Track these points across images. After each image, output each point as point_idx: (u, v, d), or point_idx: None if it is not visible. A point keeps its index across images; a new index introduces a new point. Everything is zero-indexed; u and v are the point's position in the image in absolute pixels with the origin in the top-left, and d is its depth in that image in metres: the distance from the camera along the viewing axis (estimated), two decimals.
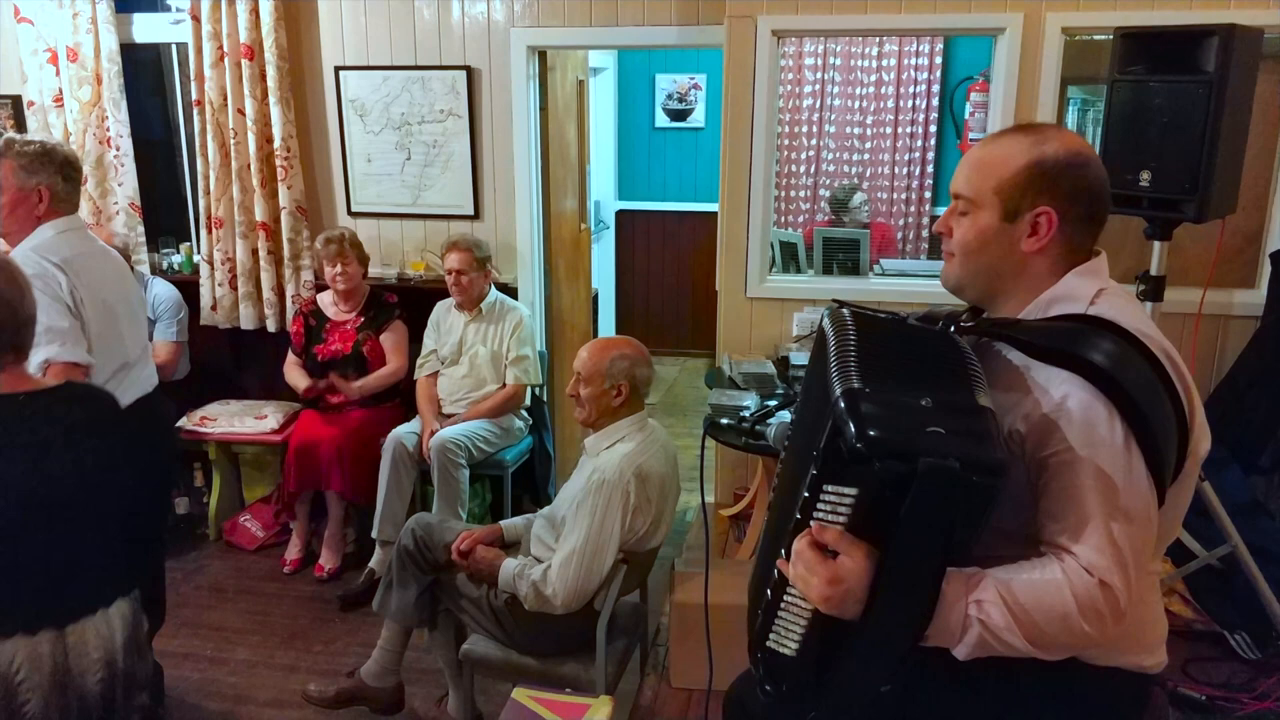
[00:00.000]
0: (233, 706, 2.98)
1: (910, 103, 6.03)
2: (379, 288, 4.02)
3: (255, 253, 4.18)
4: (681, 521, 3.98)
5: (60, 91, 4.15)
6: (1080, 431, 1.25)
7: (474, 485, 3.70)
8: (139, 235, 4.28)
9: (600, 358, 2.52)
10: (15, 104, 4.31)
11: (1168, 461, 1.28)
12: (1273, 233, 3.42)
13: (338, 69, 4.09)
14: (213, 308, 4.27)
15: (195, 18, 3.96)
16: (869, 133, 6.16)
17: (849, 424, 1.14)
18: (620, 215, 6.72)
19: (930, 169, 6.10)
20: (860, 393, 1.17)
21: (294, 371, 3.94)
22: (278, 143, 4.03)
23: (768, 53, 3.55)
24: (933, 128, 6.06)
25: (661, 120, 6.56)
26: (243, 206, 4.12)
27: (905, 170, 6.13)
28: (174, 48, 4.45)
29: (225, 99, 4.02)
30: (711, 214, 4.13)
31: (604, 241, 6.56)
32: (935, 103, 6.01)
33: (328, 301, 3.98)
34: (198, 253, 4.32)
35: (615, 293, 6.79)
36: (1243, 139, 2.72)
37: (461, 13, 3.95)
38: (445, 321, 3.88)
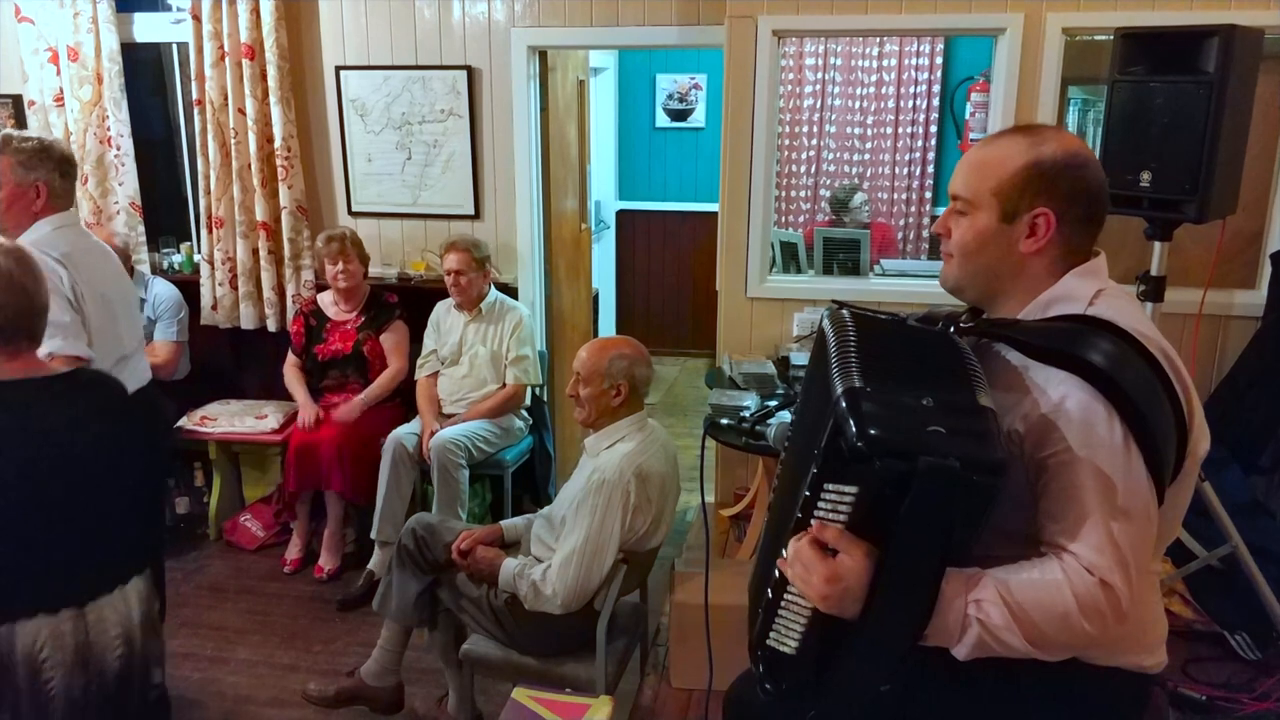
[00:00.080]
0: (233, 706, 2.98)
1: (911, 103, 6.02)
2: (379, 287, 4.02)
3: (256, 252, 4.18)
4: (681, 521, 3.98)
5: (61, 91, 4.15)
6: (1079, 432, 1.25)
7: (474, 485, 3.70)
8: (139, 235, 4.28)
9: (599, 358, 2.52)
10: (16, 103, 4.31)
11: (1167, 461, 1.28)
12: (1273, 233, 3.42)
13: (338, 69, 4.09)
14: (213, 307, 4.27)
15: (196, 17, 3.96)
16: (869, 133, 6.16)
17: (850, 422, 1.14)
18: (621, 215, 6.72)
19: (931, 169, 6.10)
20: (862, 391, 1.17)
21: (293, 377, 3.93)
22: (278, 142, 4.03)
23: (768, 53, 3.55)
24: (933, 128, 6.05)
25: (662, 120, 6.56)
26: (243, 206, 4.12)
27: (906, 170, 6.13)
28: (175, 47, 4.46)
29: (226, 98, 4.02)
30: (712, 214, 4.12)
31: (604, 241, 6.56)
32: (936, 103, 6.00)
33: (328, 301, 3.98)
34: (198, 252, 4.32)
35: (615, 293, 6.79)
36: (1243, 139, 2.72)
37: (462, 12, 3.95)
38: (445, 322, 3.88)
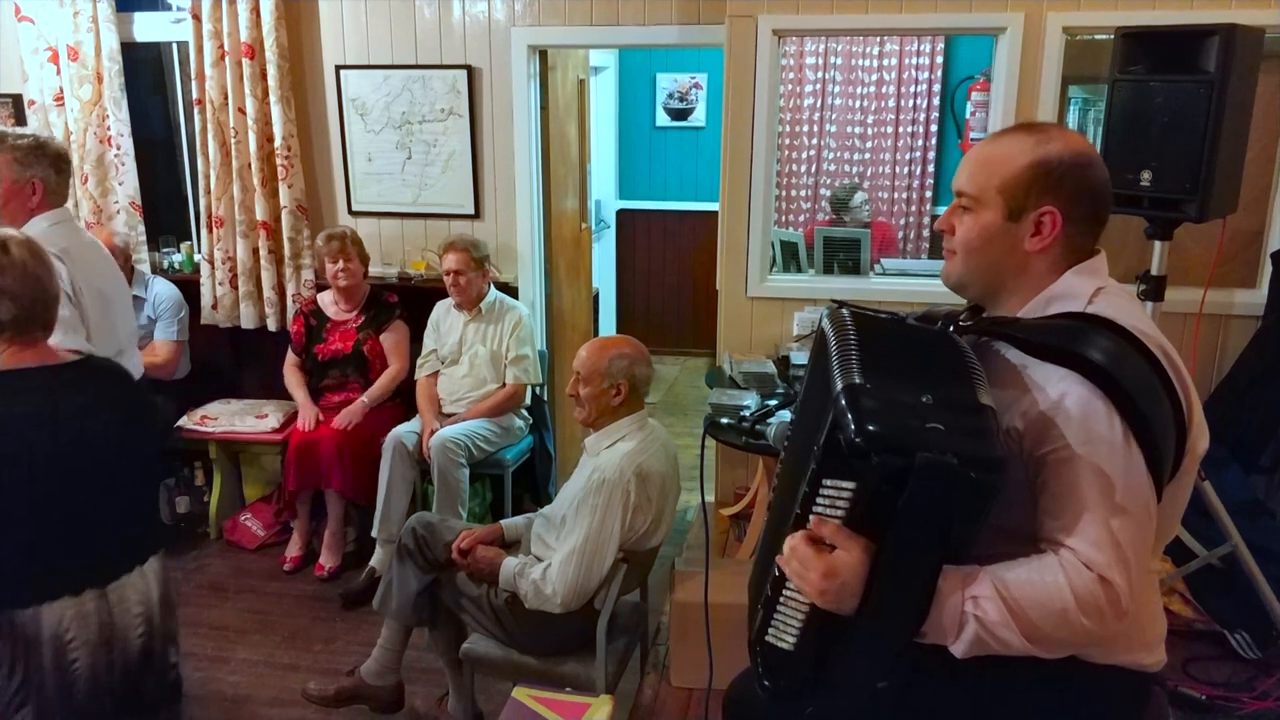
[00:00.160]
0: (233, 705, 2.98)
1: (911, 102, 6.02)
2: (379, 287, 4.02)
3: (256, 252, 4.18)
4: (682, 521, 3.98)
5: (61, 90, 4.15)
6: (1079, 429, 1.25)
7: (474, 484, 3.70)
8: (139, 234, 4.28)
9: (599, 357, 2.52)
10: (16, 102, 4.31)
11: (1166, 458, 1.28)
12: (1273, 232, 3.42)
13: (338, 68, 4.09)
14: (213, 307, 4.27)
15: (196, 16, 3.96)
16: (870, 132, 6.15)
17: (849, 418, 1.14)
18: (621, 214, 6.72)
19: (931, 168, 6.09)
20: (861, 388, 1.17)
21: (293, 378, 3.93)
22: (278, 142, 4.03)
23: (768, 52, 3.55)
24: (934, 127, 6.05)
25: (662, 119, 6.55)
26: (243, 205, 4.12)
27: (906, 170, 6.12)
28: (175, 46, 4.46)
29: (226, 98, 4.02)
30: (712, 213, 4.12)
31: (604, 241, 6.56)
32: (936, 102, 6.00)
33: (328, 301, 3.98)
34: (198, 252, 4.32)
35: (616, 292, 6.79)
36: (1244, 139, 2.71)
37: (462, 12, 3.95)
38: (445, 321, 3.88)
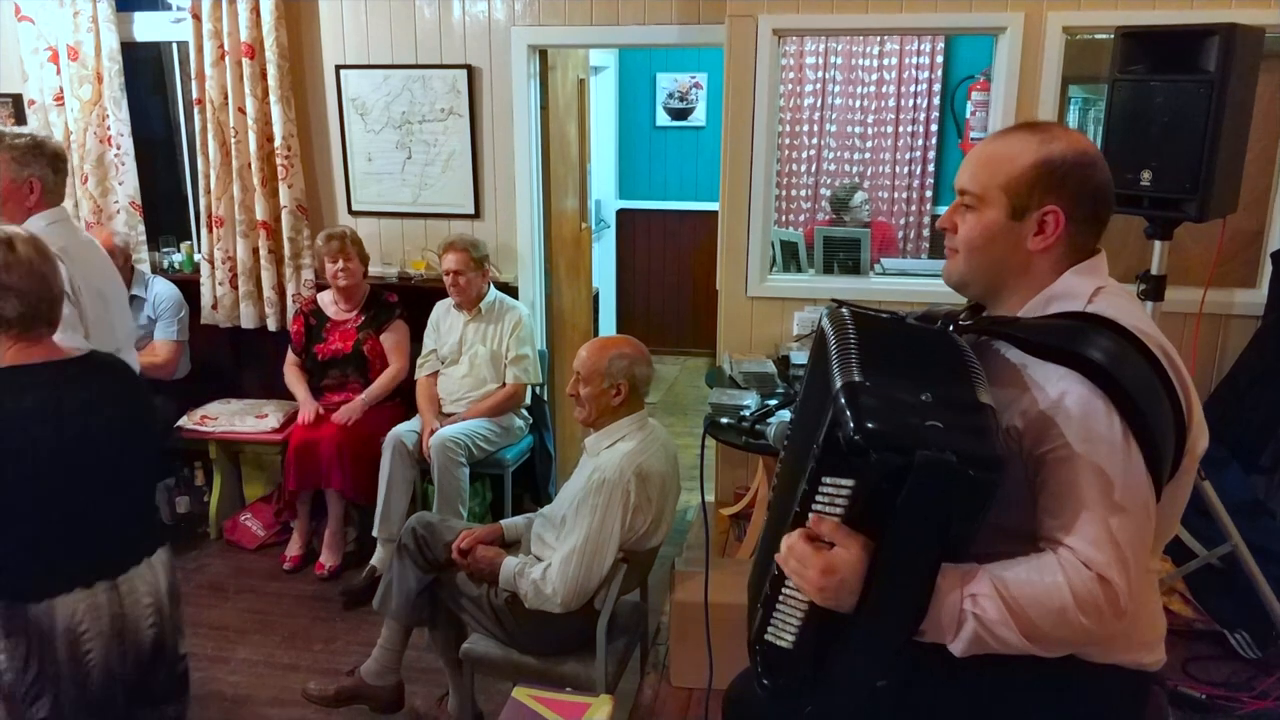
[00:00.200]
0: (233, 705, 2.98)
1: (911, 102, 6.02)
2: (379, 287, 4.02)
3: (256, 251, 4.18)
4: (682, 520, 3.98)
5: (61, 90, 4.15)
6: (1078, 427, 1.25)
7: (474, 484, 3.70)
8: (139, 234, 4.28)
9: (599, 357, 2.52)
10: (16, 102, 4.31)
11: (1165, 458, 1.28)
12: (1273, 232, 3.42)
13: (338, 68, 4.09)
14: (213, 306, 4.27)
15: (196, 16, 3.96)
16: (870, 132, 6.15)
17: (848, 415, 1.14)
18: (621, 214, 6.72)
19: (931, 168, 6.09)
20: (861, 386, 1.17)
21: (293, 376, 3.94)
22: (278, 141, 4.03)
23: (769, 52, 3.55)
24: (934, 127, 6.04)
25: (662, 119, 6.55)
26: (243, 205, 4.12)
27: (906, 169, 6.12)
28: (175, 46, 4.46)
29: (226, 97, 4.02)
30: (712, 213, 4.12)
31: (604, 240, 6.56)
32: (936, 102, 5.99)
33: (328, 301, 3.98)
34: (198, 251, 4.32)
35: (616, 292, 6.79)
36: (1244, 138, 2.71)
37: (462, 11, 3.95)
38: (445, 321, 3.88)
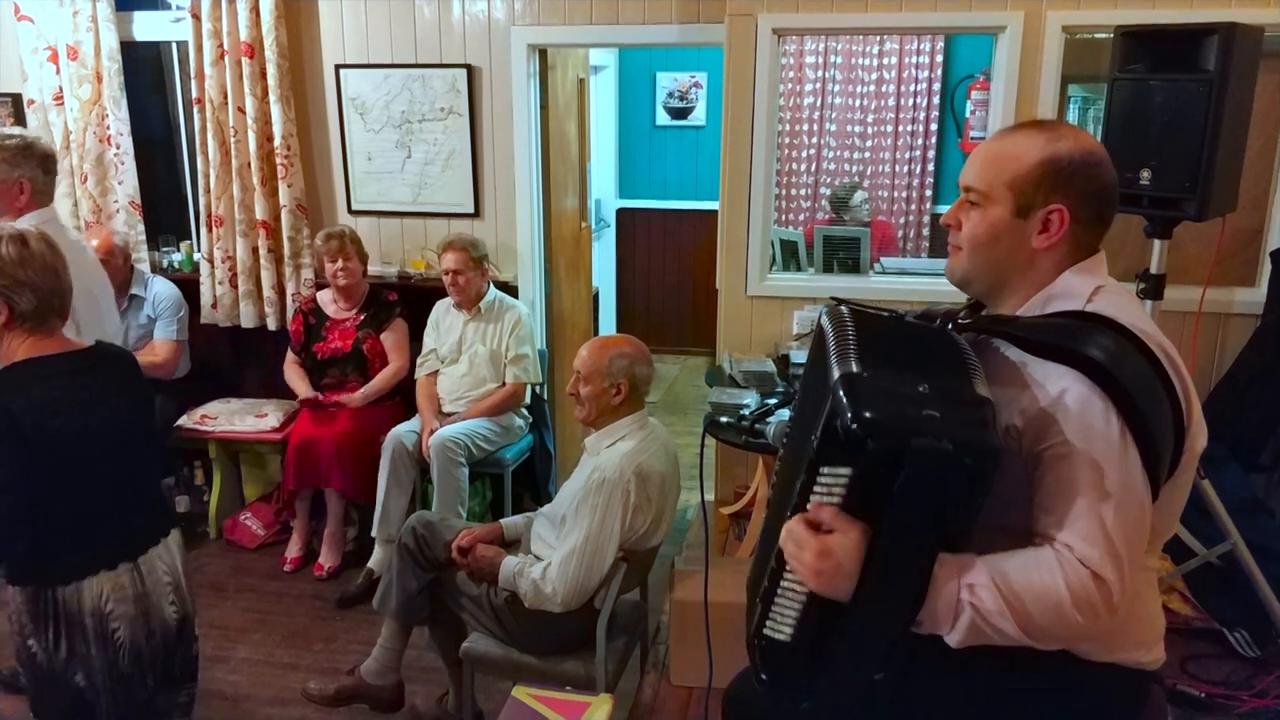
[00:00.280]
0: (233, 705, 2.98)
1: (911, 101, 6.02)
2: (379, 286, 4.02)
3: (255, 251, 4.18)
4: (682, 520, 3.98)
5: (60, 89, 4.15)
6: (1077, 425, 1.25)
7: (474, 483, 3.70)
8: (139, 233, 4.28)
9: (600, 356, 2.52)
10: (15, 102, 4.31)
11: (1163, 457, 1.28)
12: (1273, 231, 3.42)
13: (338, 67, 4.09)
14: (213, 306, 4.27)
15: (195, 16, 3.96)
16: (870, 131, 6.15)
17: (846, 405, 1.15)
18: (621, 213, 6.72)
19: (931, 167, 6.09)
20: (859, 376, 1.18)
21: (293, 372, 3.94)
22: (278, 141, 4.03)
23: (768, 51, 3.55)
24: (933, 126, 6.05)
25: (662, 118, 6.55)
26: (243, 205, 4.12)
27: (906, 168, 6.12)
28: (174, 46, 4.46)
29: (225, 97, 4.02)
30: (712, 212, 4.12)
31: (604, 240, 6.56)
32: (936, 101, 6.00)
33: (327, 300, 3.98)
34: (198, 251, 4.32)
35: (616, 291, 6.79)
36: (1243, 137, 2.71)
37: (462, 11, 3.95)
38: (444, 320, 3.88)
